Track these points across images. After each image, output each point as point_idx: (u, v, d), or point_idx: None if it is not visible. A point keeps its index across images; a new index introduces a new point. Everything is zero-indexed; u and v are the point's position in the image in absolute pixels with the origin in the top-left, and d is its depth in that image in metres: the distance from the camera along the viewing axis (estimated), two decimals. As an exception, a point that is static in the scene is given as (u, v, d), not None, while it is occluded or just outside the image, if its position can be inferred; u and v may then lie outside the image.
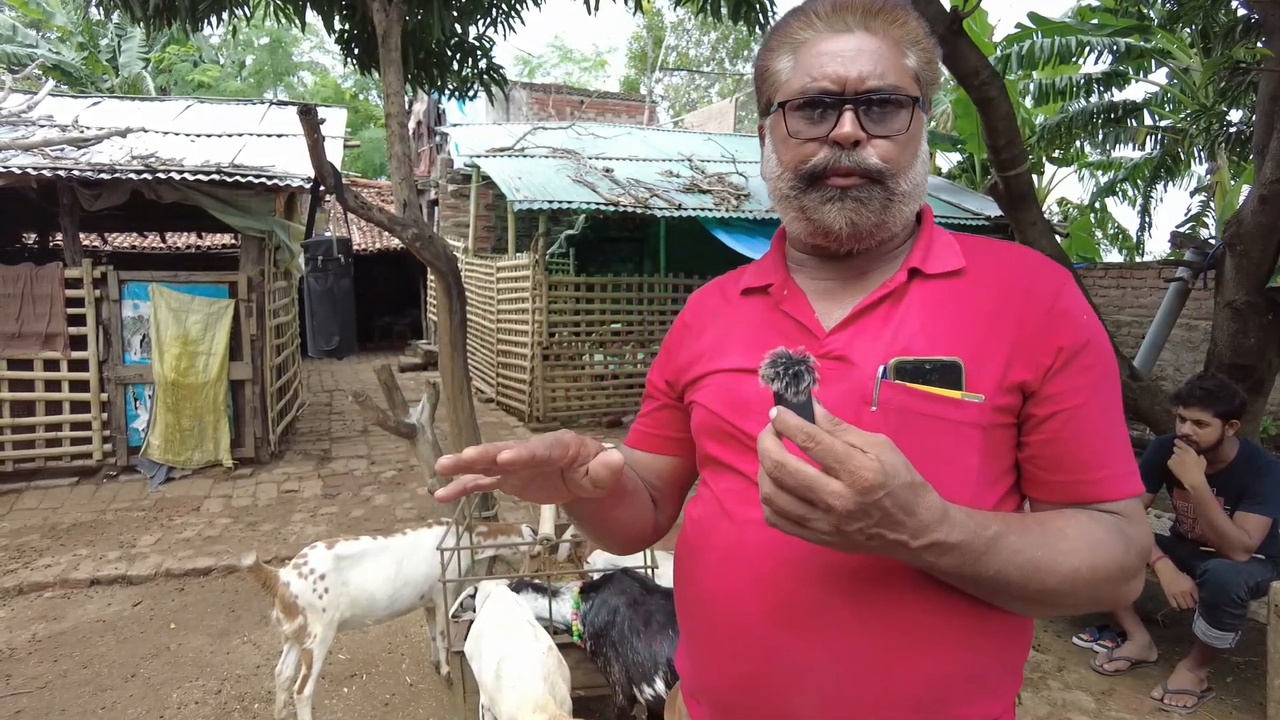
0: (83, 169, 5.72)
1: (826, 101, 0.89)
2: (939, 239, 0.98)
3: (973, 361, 0.85)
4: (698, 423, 1.03)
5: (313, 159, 2.87)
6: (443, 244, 3.62)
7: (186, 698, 3.41)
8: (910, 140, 0.91)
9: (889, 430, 0.80)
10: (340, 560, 3.06)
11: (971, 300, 0.91)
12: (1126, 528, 0.86)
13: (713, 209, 8.25)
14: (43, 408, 6.15)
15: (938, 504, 0.73)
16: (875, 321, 0.92)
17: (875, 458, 0.69)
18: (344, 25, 5.25)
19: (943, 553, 0.74)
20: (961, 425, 0.85)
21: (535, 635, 2.08)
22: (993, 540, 0.77)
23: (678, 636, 2.19)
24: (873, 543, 0.72)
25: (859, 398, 0.87)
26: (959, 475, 0.85)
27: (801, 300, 0.98)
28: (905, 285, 0.93)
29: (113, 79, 17.69)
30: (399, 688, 3.48)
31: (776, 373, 0.72)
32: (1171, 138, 9.66)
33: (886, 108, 0.89)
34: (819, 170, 0.91)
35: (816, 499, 0.69)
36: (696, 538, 1.00)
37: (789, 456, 0.70)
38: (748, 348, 0.97)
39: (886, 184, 0.90)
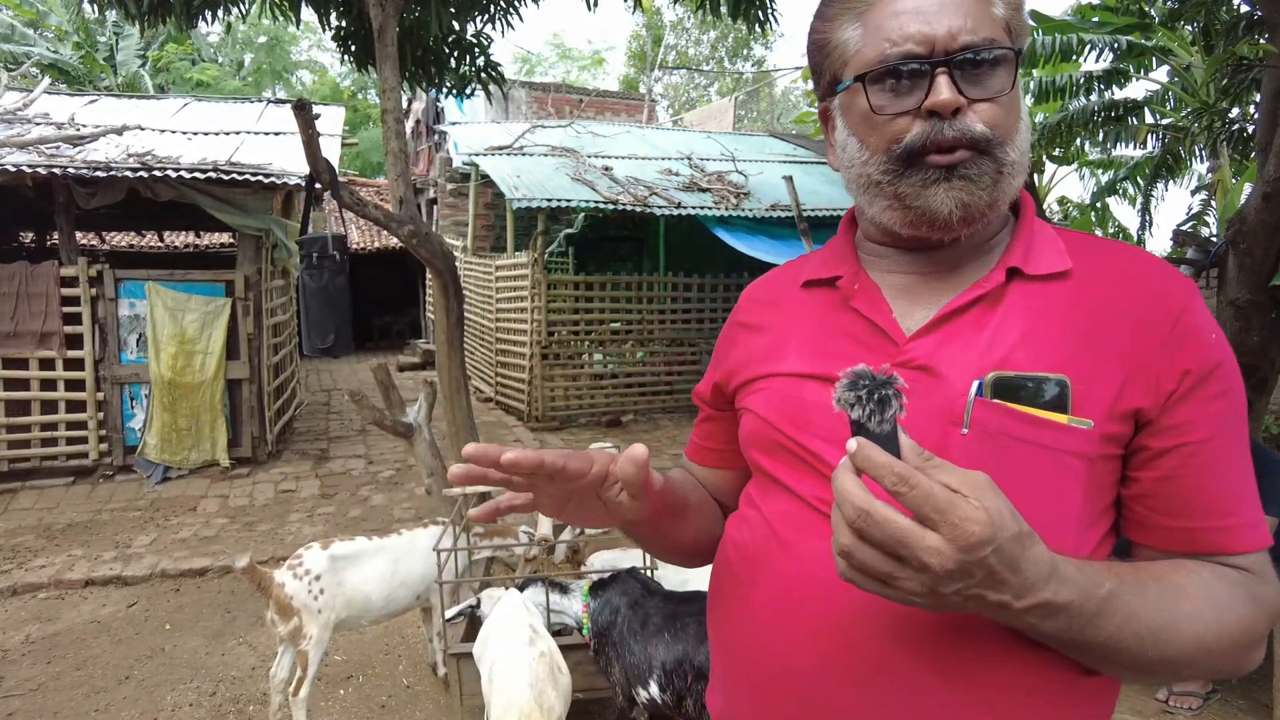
0: (78, 167, 5.68)
1: (913, 68, 0.77)
2: (1041, 234, 0.85)
3: (1080, 381, 0.74)
4: (747, 432, 0.92)
5: (307, 154, 2.84)
6: (439, 241, 3.59)
7: (181, 700, 3.38)
8: (1013, 101, 0.79)
9: (981, 458, 0.71)
10: (336, 561, 3.02)
11: (1080, 309, 0.78)
12: (1256, 587, 0.74)
13: (712, 207, 8.21)
14: (38, 407, 6.11)
15: (1045, 558, 0.63)
16: (967, 327, 0.79)
17: (980, 506, 0.58)
18: (340, 22, 5.22)
19: (1049, 614, 0.64)
20: (1065, 455, 0.74)
21: (531, 640, 2.05)
22: (1106, 600, 0.66)
23: (674, 640, 2.17)
24: (969, 604, 0.62)
25: (945, 417, 0.76)
26: (1059, 515, 0.74)
27: (876, 297, 0.85)
28: (1003, 287, 0.80)
29: (110, 78, 17.64)
30: (396, 689, 3.44)
31: (858, 397, 0.61)
32: (1173, 136, 9.62)
33: (984, 66, 0.77)
34: (916, 149, 0.77)
35: (909, 555, 0.59)
36: (742, 567, 0.88)
37: (876, 503, 0.59)
38: (809, 350, 0.87)
39: (995, 154, 0.77)
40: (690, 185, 8.95)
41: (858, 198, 0.86)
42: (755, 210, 8.36)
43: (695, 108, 24.41)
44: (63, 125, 6.93)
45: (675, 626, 2.17)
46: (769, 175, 9.85)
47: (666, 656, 2.13)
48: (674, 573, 2.76)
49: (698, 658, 2.07)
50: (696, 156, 10.47)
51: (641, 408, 9.09)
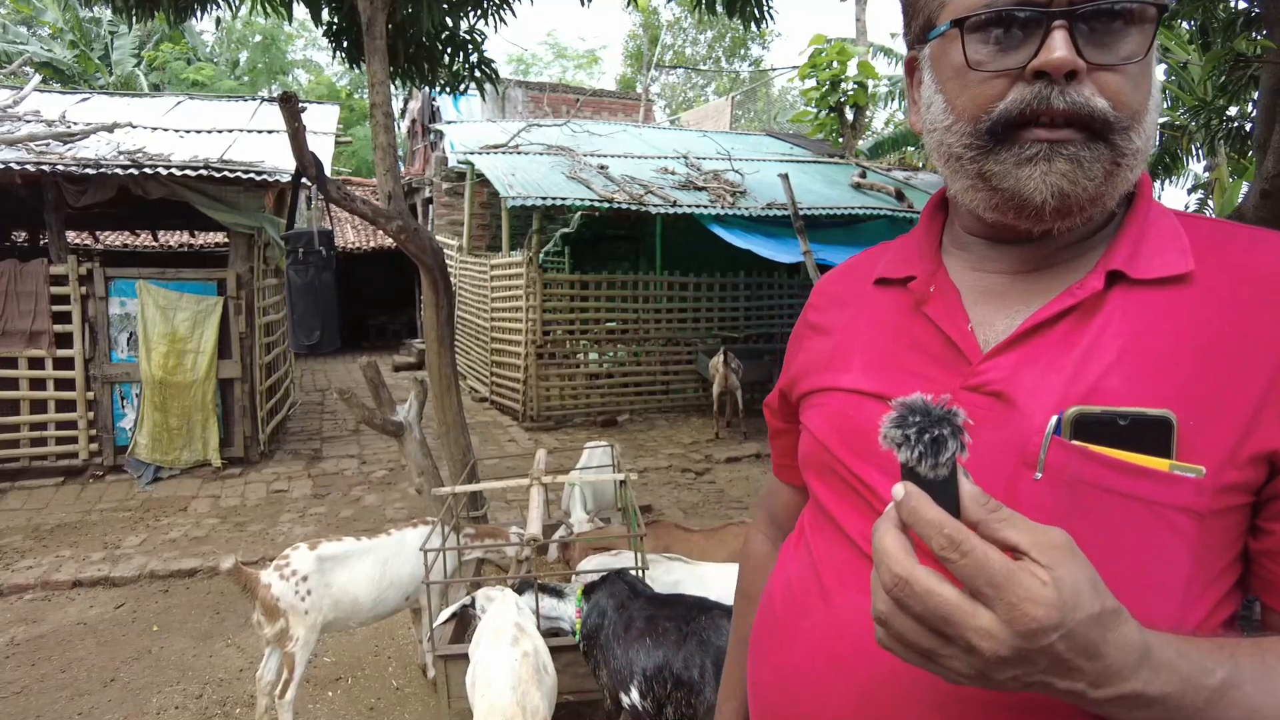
0: (68, 164, 5.63)
1: (1025, 15, 0.63)
2: (1158, 225, 0.69)
3: (1193, 416, 0.60)
4: (803, 452, 0.82)
5: (294, 147, 2.80)
6: (428, 236, 3.55)
7: (166, 702, 3.33)
8: (1145, 73, 0.64)
9: (1057, 510, 0.61)
10: (323, 561, 2.98)
11: (1201, 322, 0.63)
12: None
13: (708, 206, 8.17)
14: (28, 406, 6.06)
15: (1135, 641, 0.51)
16: (1053, 344, 0.66)
17: (1049, 580, 0.48)
18: (332, 18, 5.17)
19: (1136, 707, 0.52)
20: (1167, 510, 0.60)
21: (515, 640, 2.00)
22: (1219, 692, 0.53)
23: (654, 646, 2.12)
24: (1033, 688, 0.52)
25: (1018, 456, 0.64)
26: (1156, 582, 0.61)
27: (954, 303, 0.73)
28: (1102, 294, 0.67)
29: (105, 77, 17.58)
30: (385, 691, 3.40)
31: (906, 436, 0.51)
32: (1170, 134, 9.60)
33: (1117, 23, 0.62)
34: (1012, 119, 0.64)
35: (955, 635, 0.50)
36: (785, 610, 0.79)
37: (919, 571, 0.50)
38: (874, 362, 0.76)
39: (1113, 139, 0.63)
40: (687, 184, 8.90)
41: (941, 168, 0.72)
42: (751, 209, 8.31)
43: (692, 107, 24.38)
44: (53, 123, 6.88)
45: (656, 631, 2.12)
46: (765, 174, 9.81)
47: (647, 662, 2.08)
48: (664, 573, 2.72)
49: (676, 665, 2.03)
50: (693, 155, 10.43)
51: (637, 407, 9.05)
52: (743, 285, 9.51)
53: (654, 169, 9.56)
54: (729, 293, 9.46)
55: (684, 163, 10.04)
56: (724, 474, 6.85)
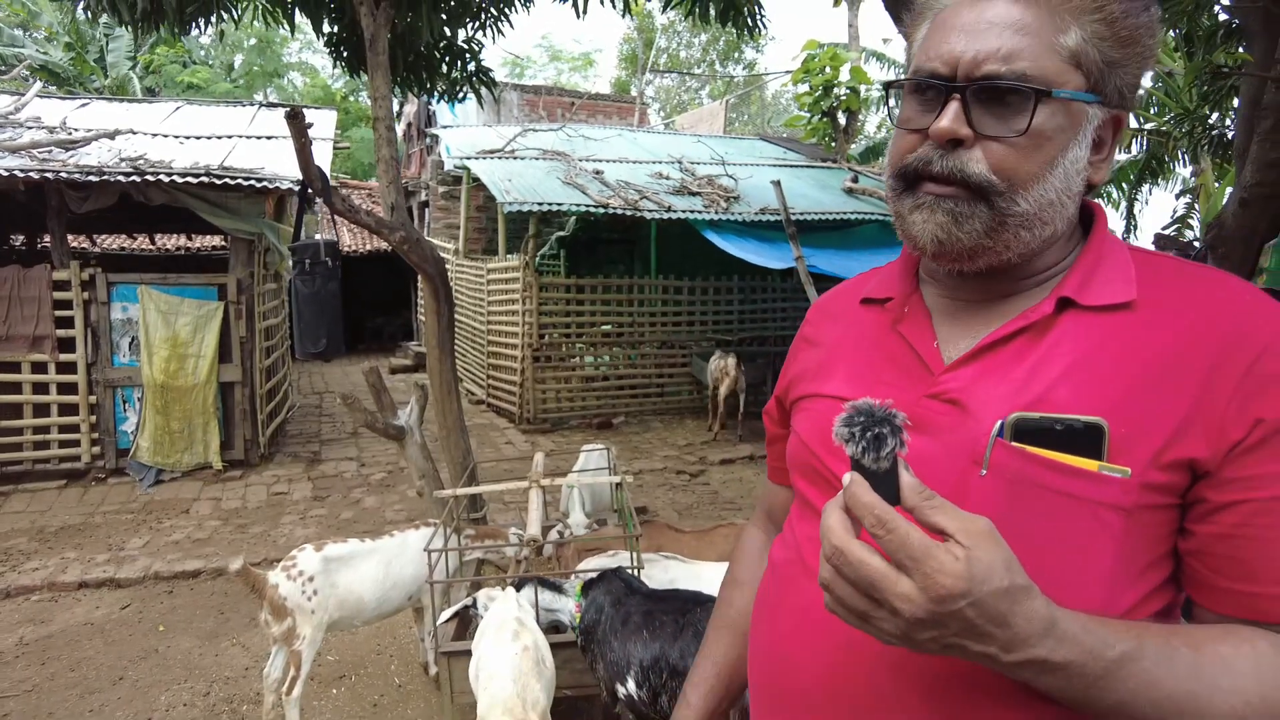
0: (70, 171, 5.71)
1: (935, 87, 0.73)
2: (1110, 259, 0.77)
3: (1125, 424, 0.68)
4: (790, 453, 0.91)
5: (300, 163, 2.89)
6: (430, 246, 3.65)
7: (175, 700, 3.42)
8: (1035, 146, 0.71)
9: (999, 503, 0.69)
10: (329, 562, 3.07)
11: (1139, 344, 0.71)
12: None
13: (702, 211, 8.28)
14: (31, 410, 6.13)
15: (1041, 614, 0.59)
16: (1006, 361, 0.74)
17: (963, 556, 0.56)
18: (333, 28, 5.26)
19: (1043, 672, 0.60)
20: (1096, 505, 0.68)
21: (515, 634, 2.10)
22: (1116, 663, 0.61)
23: (651, 639, 2.23)
24: (951, 651, 0.60)
25: (968, 455, 0.72)
26: (1087, 568, 0.69)
27: (922, 323, 0.82)
28: (1052, 318, 0.75)
29: (101, 80, 17.61)
30: (388, 689, 3.49)
31: (853, 433, 0.59)
32: (1156, 140, 9.75)
33: (1005, 99, 0.71)
34: (911, 171, 0.75)
35: (882, 599, 0.58)
36: (774, 589, 0.89)
37: (852, 543, 0.59)
38: (853, 372, 0.85)
39: (994, 201, 0.72)
40: (681, 189, 9.01)
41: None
42: (745, 214, 8.43)
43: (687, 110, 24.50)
44: (54, 129, 6.95)
45: (653, 625, 2.22)
46: (759, 179, 9.92)
47: (644, 654, 2.18)
48: (660, 571, 2.82)
49: (672, 655, 2.13)
50: (687, 160, 10.54)
51: (633, 410, 9.15)
52: (736, 289, 9.62)
53: (649, 174, 9.66)
54: (723, 296, 9.57)
55: (678, 167, 10.14)
56: (718, 476, 6.96)
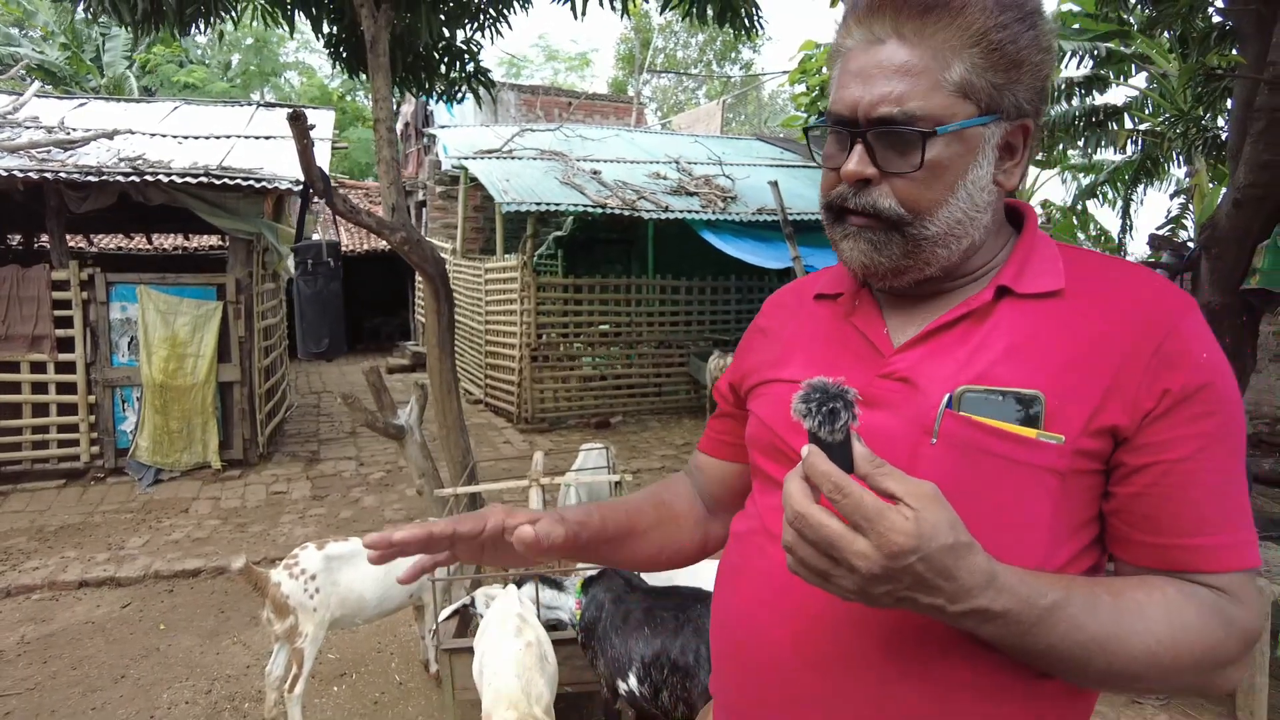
0: (70, 171, 5.72)
1: (840, 132, 0.81)
2: (1039, 252, 0.86)
3: (1059, 397, 0.75)
4: (750, 433, 0.98)
5: (302, 165, 2.91)
6: (430, 247, 3.67)
7: (177, 698, 3.44)
8: (934, 176, 0.79)
9: (949, 468, 0.75)
10: (331, 561, 3.09)
11: (1068, 327, 0.79)
12: (1228, 607, 0.73)
13: (700, 211, 8.31)
14: (30, 410, 6.15)
15: (982, 567, 0.65)
16: (951, 343, 0.82)
17: (912, 517, 0.62)
18: (332, 29, 5.28)
19: (984, 620, 0.67)
20: (1034, 469, 0.75)
21: (518, 630, 2.13)
22: (1048, 610, 0.68)
23: (653, 635, 2.26)
24: (903, 604, 0.66)
25: (919, 426, 0.79)
26: (1027, 525, 0.76)
27: (873, 314, 0.90)
28: (991, 304, 0.82)
29: (97, 79, 17.58)
30: (388, 686, 3.52)
31: (809, 409, 0.64)
32: (1151, 141, 9.79)
33: (900, 140, 0.78)
34: (835, 205, 0.84)
35: (840, 557, 0.64)
36: (737, 556, 0.95)
37: (812, 507, 0.64)
38: (810, 359, 0.92)
39: (904, 230, 0.80)
40: (678, 189, 9.04)
41: None
42: (742, 214, 8.46)
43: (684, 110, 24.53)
44: (53, 129, 6.95)
45: (654, 621, 2.25)
46: (756, 179, 9.95)
47: (645, 650, 2.21)
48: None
49: (673, 651, 2.16)
50: (684, 160, 10.57)
51: (630, 409, 9.18)
52: (734, 288, 9.65)
53: (646, 174, 9.69)
54: (720, 296, 9.60)
55: (676, 167, 10.17)
56: (715, 475, 6.98)
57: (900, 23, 0.78)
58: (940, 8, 0.76)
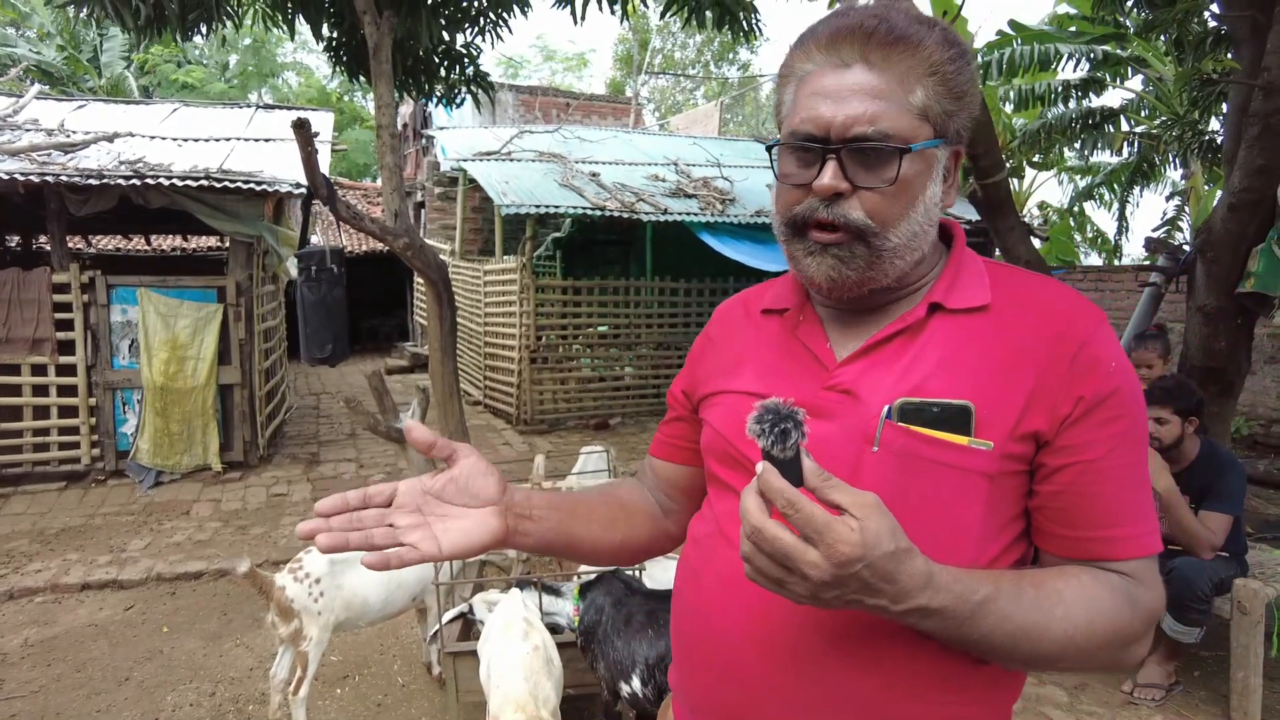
0: (71, 174, 5.73)
1: (812, 148, 0.85)
2: (967, 269, 0.92)
3: (986, 405, 0.81)
4: (705, 442, 1.02)
5: (306, 171, 2.93)
6: (433, 252, 3.70)
7: (181, 700, 3.46)
8: (901, 191, 0.84)
9: (890, 473, 0.81)
10: (335, 564, 3.11)
11: (993, 340, 0.85)
12: (1134, 590, 0.82)
13: (698, 213, 8.34)
14: (30, 412, 6.16)
15: (921, 570, 0.71)
16: (888, 356, 0.88)
17: (857, 528, 0.67)
18: (332, 33, 5.31)
19: (924, 617, 0.73)
20: (967, 473, 0.82)
21: (525, 635, 2.16)
22: (980, 605, 0.75)
23: (656, 637, 2.29)
24: (851, 605, 0.72)
25: (862, 435, 0.84)
26: (961, 524, 0.83)
27: (816, 328, 0.95)
28: (924, 320, 0.89)
29: (95, 80, 17.57)
30: (391, 688, 3.54)
31: (763, 429, 0.69)
32: (1147, 143, 9.85)
33: (874, 156, 0.83)
34: (799, 221, 0.87)
35: (793, 566, 0.69)
36: (696, 558, 0.99)
37: (768, 522, 0.70)
38: (760, 371, 0.97)
39: (870, 241, 0.85)
40: (677, 191, 9.07)
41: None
42: (740, 216, 8.49)
43: (681, 111, 24.55)
44: (53, 131, 6.96)
45: (657, 624, 2.28)
46: (754, 181, 9.99)
47: (649, 652, 2.24)
48: (661, 571, 2.88)
49: None
50: (683, 162, 10.59)
51: (629, 410, 9.21)
52: (732, 290, 9.68)
53: (645, 176, 9.72)
54: (719, 298, 9.63)
55: (674, 169, 10.20)
56: (714, 476, 7.01)
57: (868, 50, 0.83)
58: (905, 39, 0.83)
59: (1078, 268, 10.32)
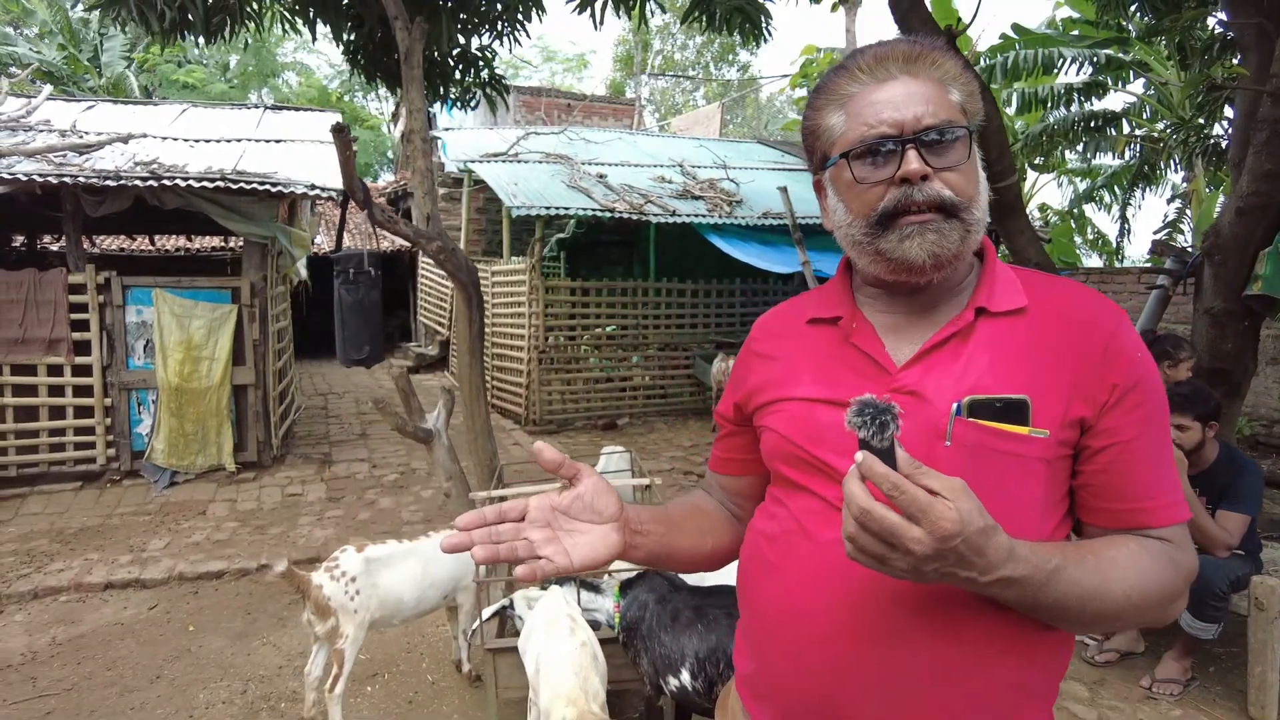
0: (89, 175, 5.76)
1: (887, 146, 0.94)
2: (1001, 276, 1.02)
3: (1037, 398, 0.89)
4: (770, 447, 1.08)
5: (344, 175, 2.98)
6: (465, 256, 3.74)
7: (214, 698, 3.50)
8: (971, 169, 0.96)
9: (961, 464, 0.88)
10: (370, 563, 3.16)
11: (1035, 339, 0.96)
12: (1174, 554, 0.92)
13: (706, 215, 8.40)
14: (46, 413, 6.18)
15: (1005, 544, 0.79)
16: (945, 358, 0.97)
17: (954, 506, 0.75)
18: (350, 36, 5.35)
19: (1007, 586, 0.81)
20: (1028, 459, 0.91)
21: (572, 630, 2.21)
22: (1053, 573, 0.83)
23: (706, 631, 2.34)
24: (945, 578, 0.80)
25: (932, 432, 0.92)
26: (1024, 505, 0.92)
27: (871, 335, 1.02)
28: (972, 324, 0.97)
29: (95, 79, 17.53)
30: (421, 686, 3.59)
31: (864, 420, 0.76)
32: (1149, 146, 9.94)
33: (945, 142, 0.94)
34: (890, 211, 0.95)
35: (898, 543, 0.76)
36: (772, 553, 1.05)
37: (875, 504, 0.76)
38: (819, 378, 1.03)
39: (960, 215, 0.94)
40: (684, 193, 9.13)
41: (848, 252, 1.04)
42: (748, 218, 8.55)
43: (681, 112, 24.61)
44: (66, 133, 6.98)
45: (707, 619, 2.34)
46: (760, 183, 10.05)
47: (700, 647, 2.29)
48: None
49: (729, 647, 2.25)
50: (688, 164, 10.65)
51: (636, 411, 9.26)
52: (739, 291, 9.74)
53: (651, 177, 9.77)
54: (725, 299, 9.69)
55: (680, 171, 10.26)
56: (725, 476, 7.05)
57: (910, 66, 0.96)
58: (937, 52, 0.97)
59: (1079, 269, 10.41)
